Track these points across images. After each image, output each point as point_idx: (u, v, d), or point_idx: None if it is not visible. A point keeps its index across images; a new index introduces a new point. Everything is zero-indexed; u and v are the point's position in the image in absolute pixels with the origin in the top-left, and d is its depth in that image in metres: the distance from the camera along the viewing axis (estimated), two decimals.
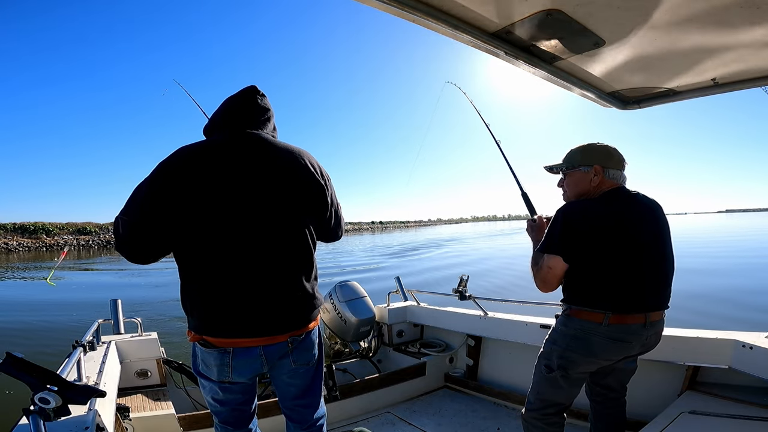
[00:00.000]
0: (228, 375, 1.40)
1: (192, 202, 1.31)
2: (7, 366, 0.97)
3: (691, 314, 6.98)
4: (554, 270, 1.65)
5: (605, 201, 1.66)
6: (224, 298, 1.33)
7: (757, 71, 1.48)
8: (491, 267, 15.76)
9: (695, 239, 29.39)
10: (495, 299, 3.15)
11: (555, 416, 1.74)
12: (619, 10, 1.14)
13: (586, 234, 1.59)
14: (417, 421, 2.71)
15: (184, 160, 1.34)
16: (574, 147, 1.79)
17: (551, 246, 1.64)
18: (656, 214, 1.71)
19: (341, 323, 3.17)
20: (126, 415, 2.10)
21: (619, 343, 1.61)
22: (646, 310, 1.61)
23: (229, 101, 1.47)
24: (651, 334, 1.66)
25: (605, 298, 1.59)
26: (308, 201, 1.45)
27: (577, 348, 1.64)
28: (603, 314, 1.58)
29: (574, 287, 1.66)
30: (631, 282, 1.59)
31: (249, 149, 1.38)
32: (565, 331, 1.67)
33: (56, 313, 9.27)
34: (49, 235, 52.10)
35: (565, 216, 1.65)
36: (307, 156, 1.48)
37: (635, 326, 1.60)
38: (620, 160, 1.73)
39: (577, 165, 1.74)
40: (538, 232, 1.88)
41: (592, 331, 1.60)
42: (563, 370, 1.66)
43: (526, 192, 2.22)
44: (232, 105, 1.46)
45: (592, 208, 1.64)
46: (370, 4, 1.06)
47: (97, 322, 2.51)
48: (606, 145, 1.76)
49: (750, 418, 1.72)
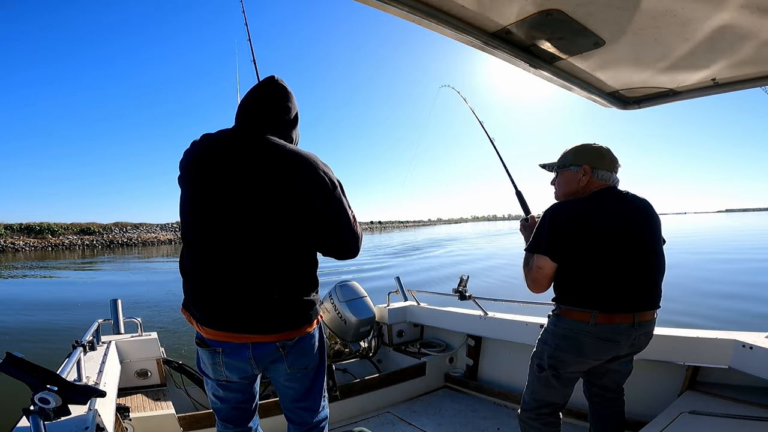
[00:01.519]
0: (222, 374, 1.43)
1: (187, 192, 1.39)
2: (7, 366, 0.97)
3: (691, 314, 6.98)
4: (544, 270, 1.66)
5: (592, 201, 1.67)
6: (197, 290, 1.38)
7: (757, 71, 1.48)
8: (491, 267, 15.77)
9: (695, 239, 29.41)
10: (495, 299, 3.15)
11: (550, 416, 1.74)
12: (619, 10, 1.14)
13: (571, 234, 1.60)
14: (417, 421, 2.71)
15: (192, 150, 1.41)
16: (569, 147, 1.81)
17: (539, 246, 1.66)
18: (647, 213, 1.71)
19: (341, 323, 3.17)
20: (126, 415, 2.10)
21: (608, 343, 1.61)
22: (634, 309, 1.61)
23: (247, 94, 1.49)
24: (640, 335, 1.66)
25: (592, 298, 1.60)
26: (299, 208, 1.37)
27: (566, 347, 1.65)
28: (590, 314, 1.59)
29: (563, 287, 1.68)
30: (617, 281, 1.59)
31: (245, 149, 1.37)
32: (554, 330, 1.69)
33: (56, 313, 9.27)
34: (55, 235, 52.63)
35: (551, 216, 1.66)
36: (311, 163, 1.39)
37: (623, 326, 1.60)
38: (612, 162, 1.74)
39: (568, 164, 1.76)
40: (530, 231, 1.88)
41: (580, 331, 1.61)
42: (554, 369, 1.67)
43: (520, 191, 2.23)
44: (246, 99, 1.48)
45: (577, 208, 1.65)
46: (370, 4, 1.06)
47: (97, 322, 2.51)
48: (600, 146, 1.76)
49: (750, 418, 1.72)
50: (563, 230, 1.62)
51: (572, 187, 1.75)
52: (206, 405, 2.71)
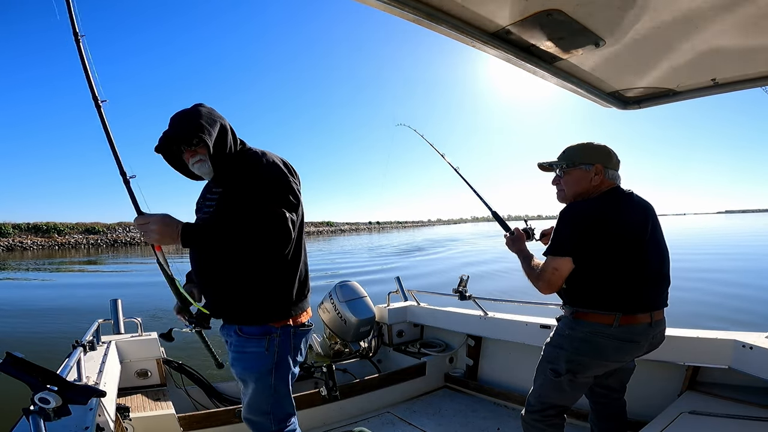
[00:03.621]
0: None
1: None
2: (7, 366, 0.97)
3: (691, 314, 6.98)
4: (560, 271, 1.61)
5: (607, 201, 1.65)
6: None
7: (757, 71, 1.48)
8: (491, 266, 15.76)
9: (695, 240, 29.41)
10: (495, 299, 3.15)
11: (555, 418, 1.73)
12: (619, 10, 1.14)
13: (596, 234, 1.57)
14: (417, 421, 2.71)
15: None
16: (572, 145, 1.78)
17: (562, 248, 1.61)
18: (652, 212, 1.72)
19: (341, 323, 3.17)
20: (126, 415, 2.10)
21: (629, 344, 1.59)
22: (651, 309, 1.61)
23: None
24: (657, 333, 1.65)
25: (615, 300, 1.57)
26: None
27: (587, 351, 1.61)
28: (614, 316, 1.56)
29: (582, 289, 1.63)
30: (638, 282, 1.59)
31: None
32: (572, 334, 1.64)
33: (56, 313, 9.26)
34: (61, 234, 53.15)
35: (573, 216, 1.63)
36: (250, 159, 1.53)
37: (642, 326, 1.59)
38: (618, 161, 1.74)
39: (577, 163, 1.72)
40: (519, 242, 1.91)
41: (601, 334, 1.58)
42: (572, 374, 1.63)
43: (495, 211, 2.29)
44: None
45: (597, 208, 1.62)
46: (370, 4, 1.06)
47: (97, 322, 2.51)
48: (604, 144, 1.75)
49: (750, 418, 1.72)
50: (587, 231, 1.58)
51: (584, 187, 1.71)
52: (206, 405, 2.71)
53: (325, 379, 2.66)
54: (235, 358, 1.54)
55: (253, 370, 1.52)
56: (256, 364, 1.51)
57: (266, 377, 1.52)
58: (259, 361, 1.51)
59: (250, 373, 1.52)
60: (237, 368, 1.55)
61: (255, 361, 1.51)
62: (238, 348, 1.52)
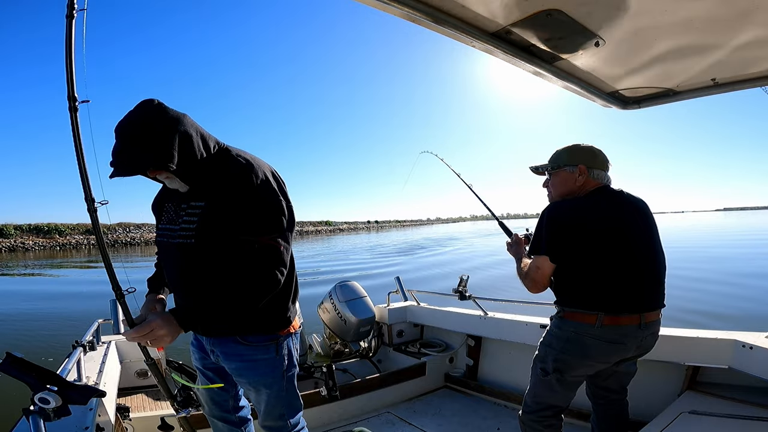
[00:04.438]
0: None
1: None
2: (7, 366, 0.97)
3: (691, 314, 6.98)
4: (542, 270, 1.64)
5: (590, 200, 1.67)
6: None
7: (757, 71, 1.48)
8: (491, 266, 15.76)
9: (694, 238, 29.41)
10: (495, 299, 3.15)
11: (552, 418, 1.73)
12: (619, 10, 1.14)
13: (571, 233, 1.59)
14: (417, 421, 2.71)
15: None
16: (560, 148, 1.80)
17: (539, 247, 1.65)
18: (644, 211, 1.71)
19: (341, 323, 3.17)
20: (126, 415, 2.10)
21: (614, 345, 1.59)
22: (640, 310, 1.60)
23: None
24: (647, 335, 1.64)
25: (597, 299, 1.58)
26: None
27: (571, 351, 1.62)
28: (596, 315, 1.56)
29: (566, 288, 1.66)
30: (622, 282, 1.58)
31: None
32: (559, 333, 1.66)
33: (57, 313, 9.26)
34: (62, 234, 53.47)
35: (549, 216, 1.65)
36: (233, 169, 1.37)
37: (630, 327, 1.58)
38: (604, 161, 1.74)
39: (562, 165, 1.75)
40: (518, 246, 1.95)
41: (585, 333, 1.59)
42: (559, 373, 1.64)
43: (502, 222, 2.37)
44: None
45: (576, 207, 1.65)
46: (370, 4, 1.06)
47: (97, 322, 2.51)
48: (591, 145, 1.76)
49: (750, 418, 1.72)
50: (563, 230, 1.61)
51: (569, 187, 1.73)
52: (206, 405, 2.71)
53: (325, 379, 2.66)
54: (244, 368, 1.50)
55: (268, 377, 1.50)
56: (270, 370, 1.50)
57: (280, 381, 1.52)
58: (272, 367, 1.50)
59: (265, 380, 1.51)
60: (248, 377, 1.52)
61: (268, 367, 1.49)
62: (246, 357, 1.48)
